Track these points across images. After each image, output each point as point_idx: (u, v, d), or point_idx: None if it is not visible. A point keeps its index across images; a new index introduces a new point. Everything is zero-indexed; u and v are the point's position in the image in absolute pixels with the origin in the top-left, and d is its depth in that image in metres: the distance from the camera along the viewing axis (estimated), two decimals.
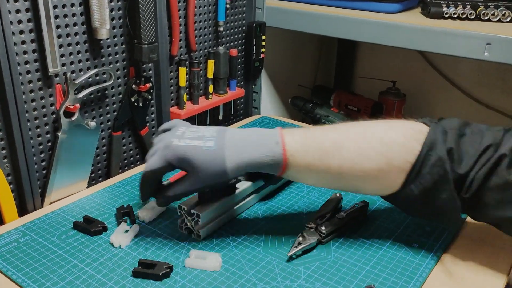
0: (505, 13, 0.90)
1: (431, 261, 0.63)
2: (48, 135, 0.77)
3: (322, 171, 0.60)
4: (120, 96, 0.86)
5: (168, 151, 0.61)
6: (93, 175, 0.86)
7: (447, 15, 0.92)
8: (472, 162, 0.58)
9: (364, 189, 0.64)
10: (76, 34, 0.76)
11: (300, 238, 0.65)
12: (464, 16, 0.92)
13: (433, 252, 0.65)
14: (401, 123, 0.62)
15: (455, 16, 0.92)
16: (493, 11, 0.90)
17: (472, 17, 0.91)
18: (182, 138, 0.61)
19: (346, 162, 0.59)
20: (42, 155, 0.77)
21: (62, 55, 0.75)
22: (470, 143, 0.59)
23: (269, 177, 0.76)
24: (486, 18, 0.91)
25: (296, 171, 0.61)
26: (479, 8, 0.91)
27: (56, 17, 0.73)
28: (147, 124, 0.93)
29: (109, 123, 0.86)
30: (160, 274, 0.59)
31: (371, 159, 0.59)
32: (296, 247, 0.64)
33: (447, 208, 0.59)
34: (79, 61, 0.78)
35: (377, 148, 0.59)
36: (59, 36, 0.74)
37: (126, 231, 0.68)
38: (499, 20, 0.90)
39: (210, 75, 1.01)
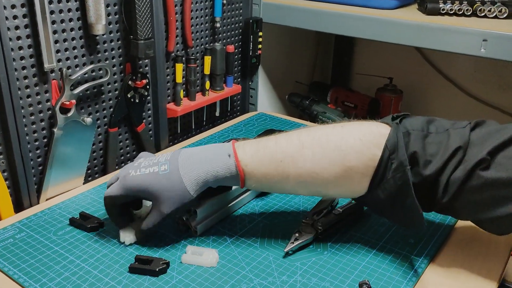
0: (501, 9, 0.90)
1: (426, 257, 0.64)
2: (44, 131, 0.77)
3: (281, 180, 0.60)
4: (117, 92, 0.86)
5: (125, 182, 0.62)
6: (89, 171, 0.86)
7: (443, 11, 0.92)
8: (441, 165, 0.56)
9: (330, 194, 0.64)
10: (71, 29, 0.76)
11: (297, 234, 0.65)
12: (460, 12, 0.92)
13: (428, 247, 0.65)
14: (359, 127, 0.60)
15: (452, 12, 0.92)
16: (490, 7, 0.90)
17: (469, 13, 0.91)
18: (139, 168, 0.62)
19: (303, 171, 0.59)
20: (38, 151, 0.77)
21: (57, 51, 0.75)
22: (436, 143, 0.57)
23: None
24: (483, 14, 0.91)
25: (255, 181, 0.61)
26: (476, 4, 0.91)
27: (52, 12, 0.72)
28: (144, 121, 0.93)
29: (106, 119, 0.86)
30: (157, 270, 0.59)
31: (328, 167, 0.58)
32: (293, 243, 0.64)
33: (411, 214, 0.58)
34: (75, 57, 0.77)
35: (333, 156, 0.58)
36: (54, 32, 0.73)
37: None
38: (496, 17, 0.90)
39: (207, 71, 1.01)
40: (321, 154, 0.59)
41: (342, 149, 0.58)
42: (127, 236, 0.66)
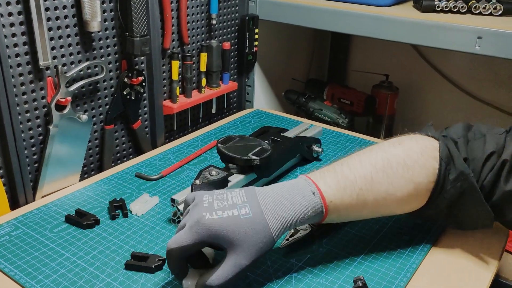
0: (496, 6, 0.90)
1: (421, 253, 0.64)
2: (40, 129, 0.77)
3: (359, 209, 0.59)
4: (112, 89, 0.86)
5: (200, 226, 0.52)
6: (85, 168, 0.86)
7: (439, 9, 0.93)
8: (478, 170, 0.60)
9: (397, 213, 0.64)
10: (67, 26, 0.76)
11: (292, 231, 0.65)
12: (455, 10, 0.92)
13: (423, 244, 0.66)
14: (415, 141, 0.62)
15: (447, 9, 0.92)
16: (485, 5, 0.90)
17: (464, 10, 0.92)
18: (213, 210, 0.53)
19: (379, 195, 0.58)
20: (33, 149, 0.77)
21: (53, 48, 0.75)
22: (475, 149, 0.60)
23: (262, 170, 0.76)
24: (478, 11, 0.91)
25: (336, 215, 0.58)
26: (471, 2, 0.91)
27: (47, 9, 0.72)
28: (140, 118, 0.93)
29: (101, 116, 0.86)
30: (153, 266, 0.60)
31: (401, 187, 0.59)
32: (288, 239, 0.64)
33: (477, 215, 0.61)
34: (70, 54, 0.77)
35: (404, 175, 0.59)
36: (50, 29, 0.73)
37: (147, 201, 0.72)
38: (490, 14, 0.91)
39: (203, 68, 1.01)
40: (393, 174, 0.58)
41: (409, 166, 0.59)
42: (137, 206, 0.70)
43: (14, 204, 0.75)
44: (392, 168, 0.59)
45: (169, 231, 0.68)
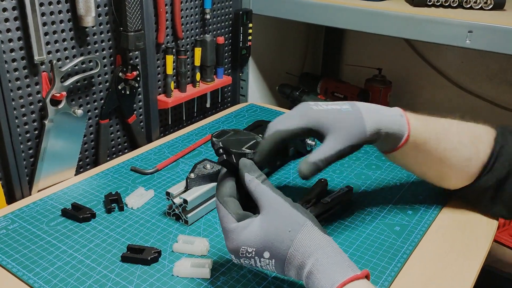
0: (486, 0, 0.91)
1: (412, 243, 0.66)
2: (35, 123, 0.77)
3: (430, 151, 0.66)
4: (107, 84, 0.87)
5: (307, 114, 0.61)
6: (81, 162, 0.86)
7: (430, 3, 0.93)
8: None
9: (449, 179, 0.70)
10: (61, 21, 0.76)
11: None
12: (447, 4, 0.93)
13: (414, 234, 0.67)
14: (478, 124, 0.70)
15: (439, 3, 0.93)
16: None
17: (455, 4, 0.93)
18: (319, 105, 0.62)
19: (449, 145, 0.66)
20: (29, 143, 0.77)
21: (47, 43, 0.75)
22: None
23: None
24: (469, 5, 0.92)
25: (412, 147, 0.65)
26: None
27: (41, 4, 0.72)
28: (135, 112, 0.93)
29: (96, 111, 0.87)
30: (149, 258, 0.61)
31: (467, 147, 0.67)
32: None
33: None
34: (65, 49, 0.78)
35: (471, 139, 0.67)
36: (44, 24, 0.74)
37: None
38: (481, 8, 0.92)
39: (197, 63, 1.02)
40: (463, 135, 0.67)
41: (476, 135, 0.68)
42: (133, 199, 0.72)
43: (10, 198, 0.76)
44: (463, 129, 0.68)
45: (164, 224, 0.69)
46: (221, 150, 0.55)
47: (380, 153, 0.69)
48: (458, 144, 0.67)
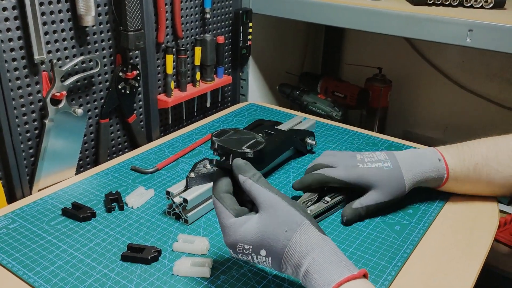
0: None
1: (412, 243, 0.66)
2: (35, 123, 0.77)
3: (475, 180, 0.71)
4: (107, 83, 0.87)
5: (354, 171, 0.69)
6: (81, 162, 0.86)
7: (431, 2, 0.93)
8: None
9: (505, 193, 0.74)
10: (61, 21, 0.76)
11: None
12: (447, 3, 0.93)
13: (414, 234, 0.67)
14: None
15: (439, 2, 0.93)
16: None
17: (455, 3, 0.93)
18: (364, 162, 0.70)
19: (492, 170, 0.70)
20: (29, 143, 0.77)
21: (47, 42, 0.75)
22: None
23: (256, 162, 0.76)
24: (469, 4, 0.92)
25: (454, 183, 0.71)
26: None
27: (41, 4, 0.72)
28: (135, 112, 0.93)
29: (97, 110, 0.87)
30: (149, 258, 0.61)
31: (508, 166, 0.70)
32: None
33: None
34: (65, 48, 0.78)
35: (510, 154, 0.70)
36: (44, 23, 0.74)
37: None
38: (482, 7, 0.92)
39: (197, 62, 1.02)
40: (502, 154, 0.70)
41: None
42: (133, 199, 0.73)
43: (11, 197, 0.76)
44: (503, 151, 0.70)
45: (164, 223, 0.69)
46: (218, 151, 0.55)
47: None
48: (498, 166, 0.70)
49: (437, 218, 0.71)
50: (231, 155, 0.56)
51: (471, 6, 0.92)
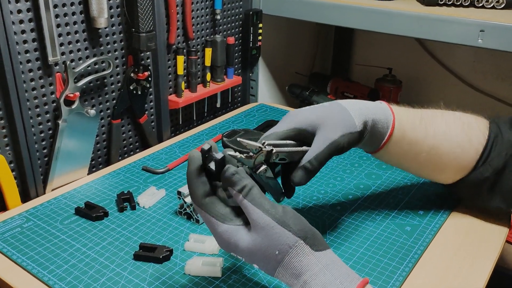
0: None
1: (423, 243, 0.65)
2: (49, 123, 0.78)
3: (419, 139, 0.65)
4: (119, 84, 0.88)
5: (294, 116, 0.61)
6: (93, 162, 0.87)
7: (442, 2, 0.93)
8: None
9: (443, 171, 0.68)
10: (75, 23, 0.77)
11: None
12: (458, 3, 0.93)
13: (425, 235, 0.67)
14: (470, 114, 0.68)
15: (450, 2, 0.93)
16: None
17: (467, 3, 0.92)
18: (303, 108, 0.63)
19: (438, 129, 0.65)
20: (43, 143, 0.78)
21: (61, 44, 0.76)
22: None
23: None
24: (480, 4, 0.92)
25: (399, 138, 0.64)
26: None
27: (55, 6, 0.73)
28: (146, 112, 0.94)
29: (109, 111, 0.88)
30: (161, 257, 0.61)
31: (456, 134, 0.65)
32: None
33: None
34: (78, 50, 0.79)
35: (460, 125, 0.66)
36: (58, 25, 0.75)
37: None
38: (493, 7, 0.91)
39: (208, 63, 1.02)
40: (451, 122, 0.66)
41: (465, 122, 0.66)
42: (145, 199, 0.73)
43: (25, 197, 0.77)
44: (450, 117, 0.67)
45: (176, 222, 0.70)
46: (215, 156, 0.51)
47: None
48: (446, 128, 0.65)
49: (448, 219, 0.71)
50: (212, 162, 0.51)
51: (483, 7, 0.92)
